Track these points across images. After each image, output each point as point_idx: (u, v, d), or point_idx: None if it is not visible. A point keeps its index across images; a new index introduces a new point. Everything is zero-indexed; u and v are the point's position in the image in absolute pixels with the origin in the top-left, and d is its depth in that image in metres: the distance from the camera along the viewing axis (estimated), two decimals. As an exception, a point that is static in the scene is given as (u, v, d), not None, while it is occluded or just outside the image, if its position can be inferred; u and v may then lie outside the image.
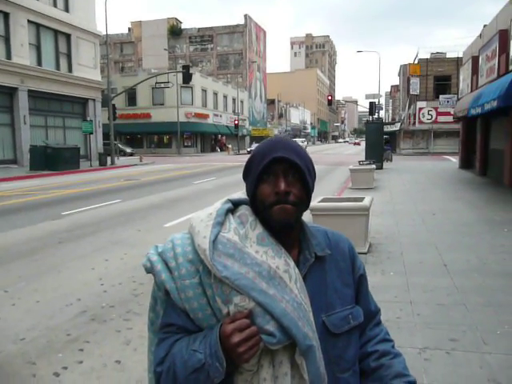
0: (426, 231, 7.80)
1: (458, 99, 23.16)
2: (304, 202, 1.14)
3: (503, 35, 13.79)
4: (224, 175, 20.40)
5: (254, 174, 1.12)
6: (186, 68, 27.85)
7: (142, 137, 49.81)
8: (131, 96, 47.45)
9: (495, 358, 3.32)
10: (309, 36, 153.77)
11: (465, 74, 21.14)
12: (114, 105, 28.07)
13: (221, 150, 54.39)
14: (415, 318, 4.09)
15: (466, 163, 21.49)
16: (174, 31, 67.00)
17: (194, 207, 10.72)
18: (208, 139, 54.02)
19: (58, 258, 6.50)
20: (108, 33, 29.22)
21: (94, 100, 28.97)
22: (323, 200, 6.66)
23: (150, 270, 1.14)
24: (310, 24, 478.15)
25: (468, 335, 3.69)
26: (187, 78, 27.58)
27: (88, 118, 26.97)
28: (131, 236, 7.90)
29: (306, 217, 1.38)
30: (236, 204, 1.18)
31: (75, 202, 11.88)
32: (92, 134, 25.80)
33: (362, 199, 6.64)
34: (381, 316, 1.33)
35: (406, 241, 7.08)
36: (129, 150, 43.08)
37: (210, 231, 1.08)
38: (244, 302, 1.02)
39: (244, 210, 1.15)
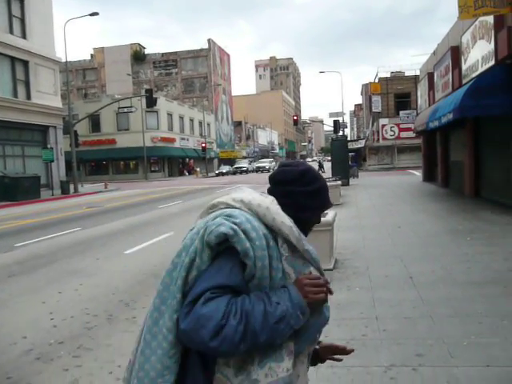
0: (391, 244, 7.75)
1: (417, 114, 23.87)
2: None
3: (455, 51, 14.32)
4: (191, 198, 20.08)
5: (319, 206, 1.45)
6: (149, 92, 27.63)
7: (108, 163, 48.88)
8: (95, 122, 46.71)
9: (462, 371, 3.19)
10: (273, 59, 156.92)
11: (422, 90, 21.84)
12: (75, 131, 27.45)
13: (189, 174, 53.96)
14: (381, 334, 3.94)
15: (429, 176, 21.98)
16: (138, 57, 66.92)
17: (158, 232, 10.40)
18: (176, 163, 53.57)
19: (6, 294, 6.04)
20: (69, 59, 28.82)
21: (54, 127, 28.21)
22: (286, 217, 6.51)
23: (232, 237, 1.22)
24: (274, 47, 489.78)
25: (435, 349, 3.56)
26: (151, 102, 27.33)
27: (49, 146, 26.18)
28: (89, 265, 7.50)
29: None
30: None
31: (31, 232, 11.31)
32: (53, 161, 25.03)
33: (324, 215, 6.53)
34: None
35: (372, 255, 7.00)
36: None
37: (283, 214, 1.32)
38: (314, 273, 1.31)
39: None
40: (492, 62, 10.64)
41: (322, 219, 6.25)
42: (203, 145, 51.64)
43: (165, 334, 1.23)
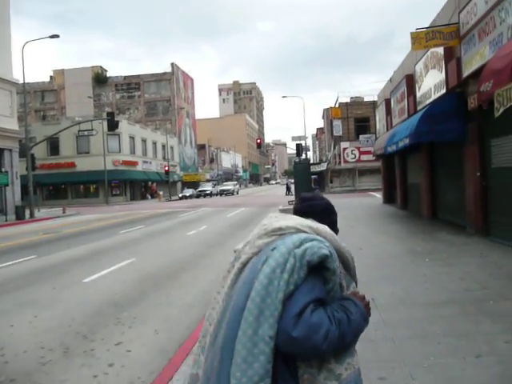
0: (353, 266, 7.85)
1: (376, 138, 24.69)
2: None
3: (409, 79, 15.04)
4: (153, 223, 19.73)
5: (334, 220, 1.79)
6: (110, 115, 27.28)
7: (67, 187, 47.50)
8: (54, 145, 45.51)
9: (424, 393, 3.23)
10: (236, 83, 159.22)
11: (380, 115, 22.69)
12: (32, 154, 26.62)
13: (152, 197, 53.16)
14: (345, 358, 3.94)
15: (388, 198, 22.61)
16: (99, 79, 66.22)
17: (119, 258, 10.11)
18: (138, 186, 52.71)
19: (-48, 328, 5.66)
20: (27, 81, 28.12)
21: (10, 150, 27.20)
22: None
23: (328, 257, 1.46)
24: (238, 72, 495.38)
25: (396, 372, 3.60)
26: (113, 125, 26.98)
27: (3, 170, 25.21)
28: (44, 295, 7.17)
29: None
30: None
31: (-17, 261, 10.73)
32: (8, 185, 24.08)
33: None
34: None
35: (335, 277, 7.06)
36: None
37: None
38: (355, 287, 1.61)
39: None
40: (443, 91, 11.24)
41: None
42: (166, 168, 51.18)
43: (267, 341, 1.39)
